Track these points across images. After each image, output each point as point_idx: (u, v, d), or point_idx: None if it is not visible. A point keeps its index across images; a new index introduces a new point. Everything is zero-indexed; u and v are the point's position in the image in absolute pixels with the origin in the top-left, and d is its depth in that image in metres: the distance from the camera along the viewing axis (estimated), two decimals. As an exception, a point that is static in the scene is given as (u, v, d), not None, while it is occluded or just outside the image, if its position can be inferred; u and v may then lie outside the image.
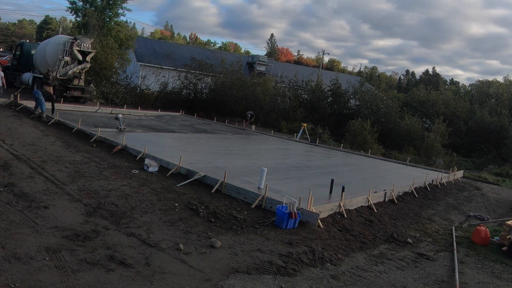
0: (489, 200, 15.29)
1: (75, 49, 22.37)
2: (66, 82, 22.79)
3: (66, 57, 22.25)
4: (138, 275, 5.47)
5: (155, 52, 38.72)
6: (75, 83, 23.11)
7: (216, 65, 33.54)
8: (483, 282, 7.11)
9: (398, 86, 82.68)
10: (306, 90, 35.83)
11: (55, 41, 23.61)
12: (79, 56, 22.54)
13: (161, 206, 8.30)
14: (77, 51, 22.46)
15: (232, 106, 30.91)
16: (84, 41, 23.16)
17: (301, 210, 8.48)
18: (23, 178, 8.85)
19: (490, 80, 70.00)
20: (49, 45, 23.42)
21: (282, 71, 43.63)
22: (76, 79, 23.13)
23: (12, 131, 13.46)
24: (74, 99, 23.32)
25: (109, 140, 13.29)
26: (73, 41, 22.57)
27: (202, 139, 18.59)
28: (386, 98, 33.99)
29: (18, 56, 26.08)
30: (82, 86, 23.43)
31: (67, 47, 22.35)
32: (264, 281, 5.88)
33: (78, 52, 22.48)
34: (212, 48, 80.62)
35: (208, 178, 10.17)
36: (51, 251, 5.75)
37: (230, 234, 7.47)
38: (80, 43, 22.73)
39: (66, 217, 7.09)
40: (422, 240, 9.17)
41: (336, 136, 29.52)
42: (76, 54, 22.39)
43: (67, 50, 22.30)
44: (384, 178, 15.21)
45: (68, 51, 22.32)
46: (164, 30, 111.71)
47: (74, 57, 22.48)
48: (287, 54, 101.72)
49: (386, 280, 6.60)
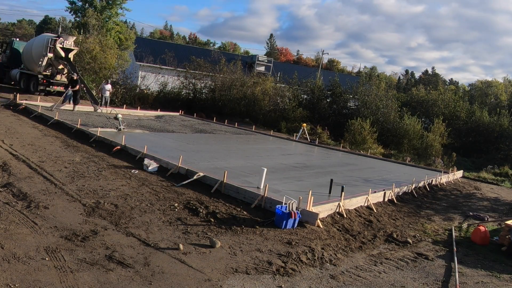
0: (488, 200, 15.30)
1: (58, 46, 22.95)
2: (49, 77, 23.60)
3: (50, 53, 22.92)
4: (137, 275, 5.46)
5: (154, 52, 38.70)
6: (58, 79, 23.90)
7: (215, 65, 33.53)
8: (483, 282, 7.11)
9: (397, 86, 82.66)
10: (306, 90, 35.82)
11: (40, 39, 24.38)
12: (62, 53, 23.14)
13: (160, 206, 8.30)
14: (60, 48, 23.03)
15: (231, 106, 30.89)
16: (67, 38, 23.80)
17: (300, 210, 8.49)
18: (22, 178, 8.84)
19: (489, 80, 70.11)
20: (35, 43, 24.25)
21: (282, 71, 43.62)
22: (59, 75, 23.90)
23: (12, 131, 13.45)
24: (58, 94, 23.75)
25: (109, 140, 13.27)
26: (56, 39, 23.19)
27: (202, 139, 18.58)
28: (385, 98, 33.93)
29: (8, 53, 26.83)
30: (65, 82, 23.95)
31: (51, 44, 22.96)
32: (263, 281, 5.88)
33: (61, 49, 23.05)
34: (212, 48, 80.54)
35: (208, 178, 10.16)
36: (50, 251, 5.75)
37: (230, 234, 7.47)
38: (62, 40, 23.36)
39: (65, 217, 7.09)
40: (421, 240, 9.17)
41: (336, 136, 29.50)
42: (58, 51, 23.01)
43: (50, 47, 22.91)
44: (383, 178, 15.21)
45: (52, 48, 22.95)
46: (164, 30, 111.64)
47: (57, 54, 23.10)
48: (287, 54, 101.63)
49: (385, 280, 6.60)
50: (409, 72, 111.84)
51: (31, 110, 17.75)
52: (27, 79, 24.29)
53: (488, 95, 57.43)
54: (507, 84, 68.50)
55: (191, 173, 10.47)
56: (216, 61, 34.22)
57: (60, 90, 23.88)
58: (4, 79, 26.74)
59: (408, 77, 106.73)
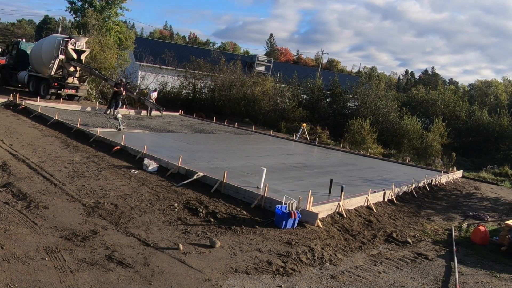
0: (488, 200, 15.31)
1: (69, 47, 22.59)
2: (61, 80, 23.09)
3: (61, 55, 22.48)
4: (137, 275, 5.46)
5: (154, 52, 38.70)
6: (70, 81, 23.37)
7: (215, 65, 33.53)
8: (482, 282, 7.11)
9: (397, 86, 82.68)
10: (305, 90, 35.84)
11: (50, 40, 23.84)
12: (74, 54, 22.77)
13: (160, 206, 8.30)
14: (72, 49, 22.69)
15: (231, 106, 30.87)
16: (78, 39, 23.39)
17: (300, 210, 8.48)
18: (22, 178, 8.84)
19: (489, 80, 70.12)
20: (45, 44, 23.68)
21: (281, 71, 43.62)
22: (71, 78, 23.39)
23: (11, 131, 13.45)
24: (68, 97, 23.59)
25: (108, 140, 13.27)
26: (68, 40, 22.79)
27: (201, 139, 18.58)
28: (385, 97, 33.94)
29: (15, 55, 26.26)
30: (77, 85, 23.65)
31: (62, 45, 22.56)
32: (263, 281, 5.88)
33: (72, 50, 22.71)
34: (211, 48, 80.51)
35: (208, 178, 10.16)
36: (50, 251, 5.75)
37: (229, 234, 7.47)
38: (74, 42, 22.96)
39: (65, 217, 7.09)
40: (421, 240, 9.17)
41: (335, 136, 29.50)
42: (70, 52, 22.61)
43: (62, 48, 22.51)
44: (383, 178, 15.21)
45: (63, 50, 22.54)
46: (163, 29, 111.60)
47: (69, 56, 22.69)
48: (286, 54, 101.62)
49: (385, 280, 6.60)
50: (409, 72, 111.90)
51: (31, 110, 17.74)
52: (36, 82, 23.64)
53: (488, 95, 57.49)
54: (507, 84, 68.56)
55: (191, 173, 10.46)
56: (216, 61, 34.22)
57: (71, 94, 23.54)
58: (10, 81, 25.94)
59: (408, 77, 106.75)
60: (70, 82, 23.36)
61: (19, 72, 25.25)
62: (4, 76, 26.49)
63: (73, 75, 23.39)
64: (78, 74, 23.70)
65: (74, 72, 23.40)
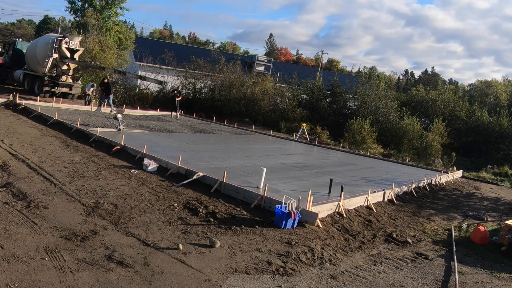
0: (488, 199, 15.31)
1: (63, 46, 22.80)
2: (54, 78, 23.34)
3: (55, 54, 22.74)
4: (137, 275, 5.46)
5: (154, 52, 38.69)
6: (63, 80, 23.65)
7: (215, 65, 33.52)
8: (482, 282, 7.11)
9: (397, 86, 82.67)
10: (305, 90, 35.84)
11: (45, 39, 24.18)
12: (67, 53, 22.99)
13: (160, 206, 8.30)
14: (65, 48, 22.88)
15: (231, 106, 30.86)
16: (72, 39, 23.62)
17: (300, 210, 8.48)
18: (22, 178, 8.84)
19: (489, 80, 70.11)
20: (39, 43, 24.05)
21: (281, 71, 43.62)
22: (64, 76, 23.69)
23: (11, 131, 13.45)
24: (62, 95, 23.72)
25: (108, 140, 13.27)
26: (61, 39, 23.03)
27: (201, 139, 18.58)
28: (385, 97, 33.94)
29: (11, 54, 26.51)
30: (70, 83, 23.77)
31: (56, 44, 22.81)
32: (263, 281, 5.88)
33: (66, 49, 22.90)
34: (211, 48, 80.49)
35: (207, 178, 10.16)
36: (50, 251, 5.75)
37: (229, 234, 7.47)
38: (68, 41, 23.17)
39: (64, 217, 7.09)
40: (421, 239, 9.17)
41: (335, 136, 29.50)
42: (64, 51, 22.85)
43: (56, 47, 22.78)
44: (383, 177, 15.21)
45: (57, 49, 22.80)
46: (163, 29, 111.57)
47: (63, 54, 22.93)
48: (286, 54, 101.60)
49: (385, 280, 6.60)
50: (408, 72, 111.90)
51: (31, 110, 17.74)
52: (31, 80, 24.05)
53: (487, 95, 57.47)
54: (507, 84, 68.56)
55: (191, 173, 10.46)
56: (215, 61, 34.21)
57: (65, 92, 23.81)
58: (6, 80, 26.44)
59: (408, 77, 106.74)
60: (64, 80, 23.72)
61: (15, 71, 25.73)
62: (1, 75, 26.78)
63: (66, 73, 23.75)
64: (71, 72, 23.93)
65: (68, 71, 23.76)
